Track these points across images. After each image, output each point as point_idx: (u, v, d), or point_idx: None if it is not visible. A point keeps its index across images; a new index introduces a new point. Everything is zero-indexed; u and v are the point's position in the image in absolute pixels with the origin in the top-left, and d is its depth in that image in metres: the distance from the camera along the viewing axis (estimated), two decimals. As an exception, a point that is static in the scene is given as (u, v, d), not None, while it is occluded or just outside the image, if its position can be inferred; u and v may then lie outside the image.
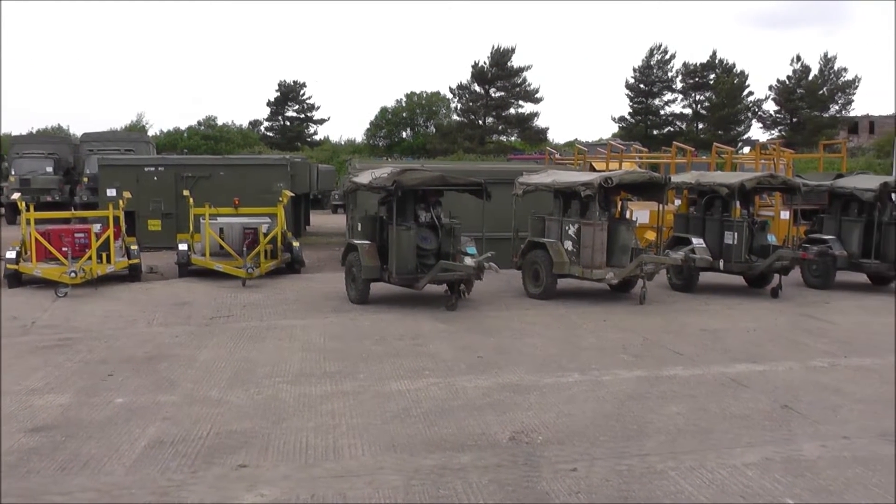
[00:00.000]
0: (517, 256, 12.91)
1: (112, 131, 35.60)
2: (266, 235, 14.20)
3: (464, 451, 5.60)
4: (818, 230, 14.63)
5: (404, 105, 67.20)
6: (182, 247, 14.59)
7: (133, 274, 13.83)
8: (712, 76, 61.98)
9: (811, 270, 14.00)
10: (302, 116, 68.67)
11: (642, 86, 64.11)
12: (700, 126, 62.51)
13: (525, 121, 63.26)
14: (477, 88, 63.55)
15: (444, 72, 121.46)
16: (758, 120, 63.56)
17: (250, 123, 67.30)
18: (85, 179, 25.17)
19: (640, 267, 11.88)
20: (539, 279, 12.34)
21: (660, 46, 64.16)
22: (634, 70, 64.62)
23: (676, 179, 14.33)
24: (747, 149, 46.03)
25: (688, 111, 64.12)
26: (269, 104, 67.76)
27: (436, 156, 52.89)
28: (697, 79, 62.48)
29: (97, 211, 15.82)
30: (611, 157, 21.92)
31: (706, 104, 62.30)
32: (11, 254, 13.10)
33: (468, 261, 11.24)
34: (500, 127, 64.32)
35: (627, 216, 13.40)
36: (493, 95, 63.46)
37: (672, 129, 61.74)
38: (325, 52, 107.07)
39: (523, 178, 13.35)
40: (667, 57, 63.69)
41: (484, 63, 62.42)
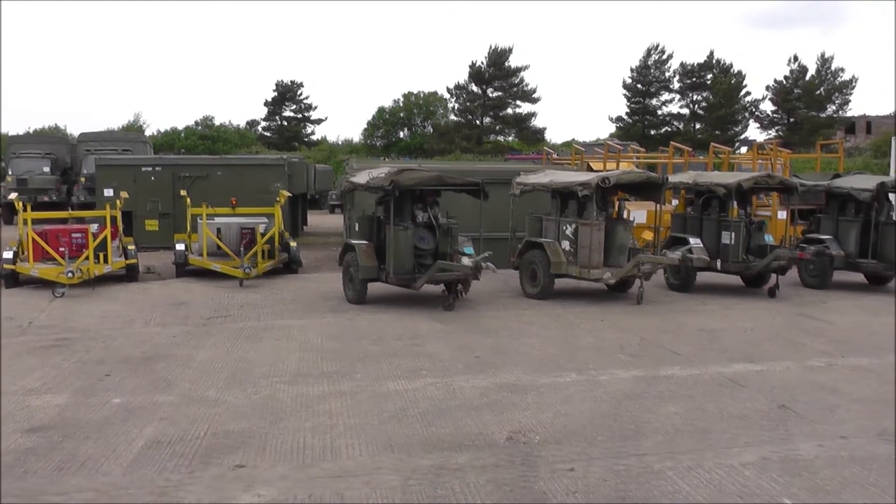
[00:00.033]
0: (514, 256, 12.91)
1: (109, 131, 35.50)
2: (263, 235, 14.17)
3: (461, 451, 5.60)
4: (815, 230, 14.65)
5: (402, 105, 67.12)
6: (179, 247, 14.58)
7: (130, 274, 13.81)
8: (709, 76, 62.01)
9: (808, 270, 14.02)
10: (299, 116, 68.53)
11: (640, 86, 64.13)
12: (697, 126, 62.53)
13: (522, 121, 63.30)
14: (474, 88, 63.57)
15: (442, 72, 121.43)
16: (755, 120, 63.80)
17: (247, 123, 67.24)
18: (82, 179, 25.11)
19: (638, 267, 11.89)
20: (536, 279, 12.35)
21: (657, 46, 64.28)
22: (632, 70, 64.82)
23: (674, 179, 14.33)
24: (744, 149, 46.05)
25: (685, 111, 64.27)
26: (267, 104, 67.70)
27: (433, 156, 52.86)
28: (695, 79, 62.51)
29: (94, 211, 15.82)
30: (608, 157, 21.98)
31: (703, 104, 62.34)
32: (8, 254, 13.08)
33: (466, 261, 11.23)
34: (498, 127, 64.33)
35: (625, 216, 13.44)
36: (491, 95, 63.48)
37: (669, 129, 61.76)
38: (323, 52, 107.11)
39: (521, 178, 13.36)
40: (664, 57, 63.78)
41: (481, 63, 62.52)
